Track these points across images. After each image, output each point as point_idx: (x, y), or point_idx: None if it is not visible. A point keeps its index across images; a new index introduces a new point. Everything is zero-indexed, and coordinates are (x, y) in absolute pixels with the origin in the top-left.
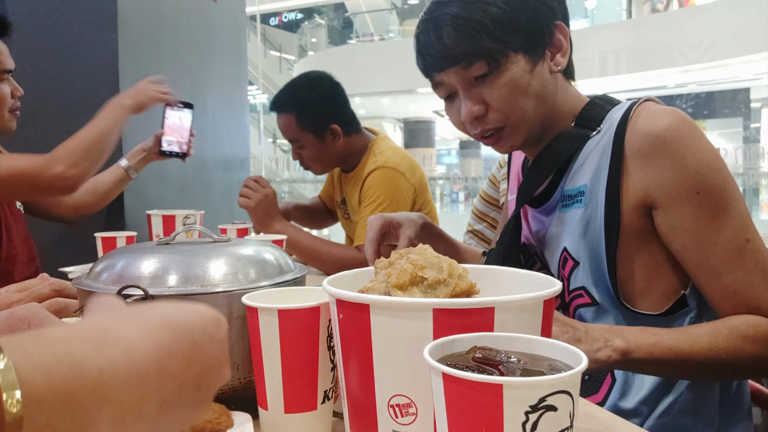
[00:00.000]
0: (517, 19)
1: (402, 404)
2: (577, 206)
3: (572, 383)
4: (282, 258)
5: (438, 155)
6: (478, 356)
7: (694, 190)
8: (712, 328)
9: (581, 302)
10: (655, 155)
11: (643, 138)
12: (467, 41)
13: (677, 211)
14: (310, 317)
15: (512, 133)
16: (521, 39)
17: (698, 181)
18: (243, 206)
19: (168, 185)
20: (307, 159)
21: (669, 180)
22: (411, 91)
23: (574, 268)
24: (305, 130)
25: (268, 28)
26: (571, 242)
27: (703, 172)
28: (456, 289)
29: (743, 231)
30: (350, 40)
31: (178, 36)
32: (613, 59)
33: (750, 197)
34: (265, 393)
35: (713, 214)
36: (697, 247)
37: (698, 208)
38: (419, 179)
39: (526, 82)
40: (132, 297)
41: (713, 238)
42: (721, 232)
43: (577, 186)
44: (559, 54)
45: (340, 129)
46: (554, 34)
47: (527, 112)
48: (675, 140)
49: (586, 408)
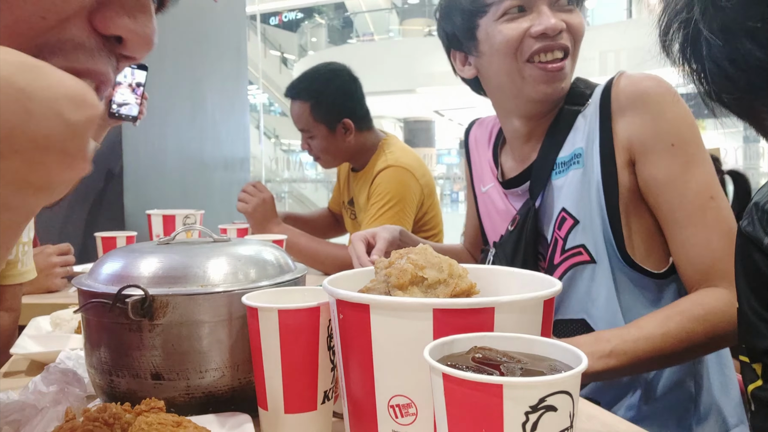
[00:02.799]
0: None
1: (402, 404)
2: (575, 167)
3: (572, 383)
4: (282, 258)
5: (438, 155)
6: (478, 356)
7: (669, 141)
8: (663, 317)
9: (578, 260)
10: (636, 109)
11: (627, 95)
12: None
13: (653, 162)
14: (310, 317)
15: (570, 68)
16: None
17: (674, 134)
18: (241, 211)
19: (168, 185)
20: (317, 150)
21: (648, 131)
22: (411, 91)
23: (573, 226)
24: (318, 121)
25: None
26: (571, 202)
27: (679, 125)
28: (456, 289)
29: (709, 188)
30: (350, 40)
31: (178, 35)
32: (613, 59)
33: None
34: (265, 393)
35: (684, 167)
36: (666, 198)
37: (672, 159)
38: (428, 181)
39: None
40: (132, 297)
41: (682, 190)
42: (689, 185)
43: (572, 151)
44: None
45: (352, 124)
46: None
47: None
48: (656, 95)
49: (586, 408)
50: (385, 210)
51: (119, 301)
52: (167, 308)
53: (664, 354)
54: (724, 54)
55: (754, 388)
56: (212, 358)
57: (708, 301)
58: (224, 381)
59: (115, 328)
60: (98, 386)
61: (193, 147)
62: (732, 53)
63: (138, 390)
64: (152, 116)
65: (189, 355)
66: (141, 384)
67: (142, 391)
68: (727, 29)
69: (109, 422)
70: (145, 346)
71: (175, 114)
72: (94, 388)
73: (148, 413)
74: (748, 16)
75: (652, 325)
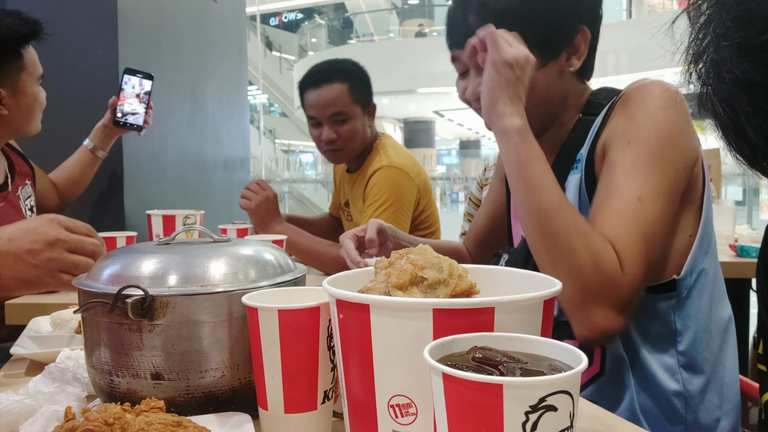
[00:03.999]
0: (538, 18)
1: (402, 404)
2: (573, 172)
3: (572, 383)
4: (282, 258)
5: (438, 155)
6: (478, 356)
7: (627, 138)
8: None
9: None
10: (618, 109)
11: (623, 95)
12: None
13: (608, 157)
14: (310, 317)
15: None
16: (537, 37)
17: (636, 132)
18: (244, 207)
19: (168, 185)
20: (346, 136)
21: (617, 129)
22: (411, 91)
23: None
24: (356, 101)
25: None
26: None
27: (644, 126)
28: (456, 289)
29: (643, 189)
30: (350, 40)
31: (178, 36)
32: (613, 59)
33: (750, 197)
34: (265, 393)
35: (629, 163)
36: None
37: (621, 153)
38: (424, 180)
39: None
40: (132, 297)
41: (616, 179)
42: (625, 179)
43: (576, 157)
44: (575, 57)
45: (375, 110)
46: (575, 38)
47: (528, 106)
48: (638, 96)
49: (586, 408)
50: (381, 211)
51: (119, 301)
52: (167, 308)
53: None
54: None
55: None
56: (212, 358)
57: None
58: (224, 381)
59: (115, 328)
60: (98, 386)
61: (193, 147)
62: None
63: (138, 390)
64: (153, 117)
65: (189, 355)
66: (141, 384)
67: (142, 391)
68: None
69: (109, 422)
70: (145, 346)
71: (175, 114)
72: (94, 388)
73: (148, 413)
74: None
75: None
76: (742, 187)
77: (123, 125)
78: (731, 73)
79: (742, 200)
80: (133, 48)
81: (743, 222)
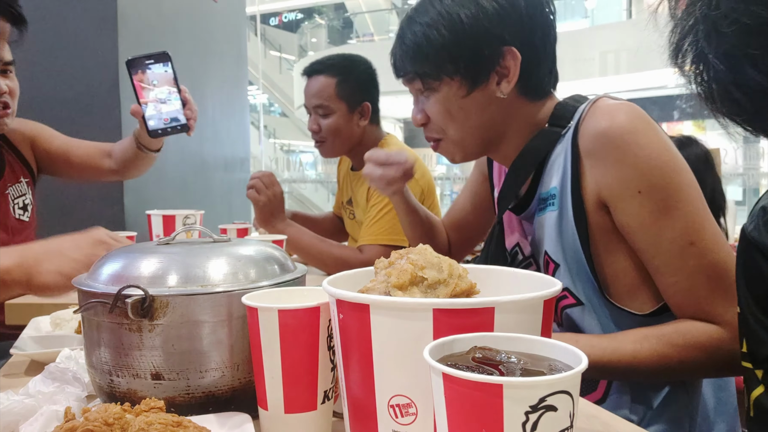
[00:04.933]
0: (455, 47)
1: (402, 404)
2: (551, 209)
3: (572, 383)
4: (282, 258)
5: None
6: (478, 356)
7: (636, 189)
8: (641, 336)
9: (567, 303)
10: (600, 154)
11: (590, 137)
12: (408, 62)
13: (624, 210)
14: (310, 317)
15: (449, 147)
16: (458, 66)
17: (639, 180)
18: (251, 199)
19: (168, 185)
20: (328, 130)
21: (614, 179)
22: None
23: (555, 270)
24: (341, 98)
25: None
26: (550, 245)
27: (644, 171)
28: (456, 289)
29: (688, 233)
30: (350, 41)
31: (178, 36)
32: (613, 59)
33: (750, 197)
34: (265, 393)
35: (656, 214)
36: (643, 246)
37: (640, 207)
38: (428, 182)
39: (458, 104)
40: (132, 297)
41: (656, 239)
42: (663, 232)
43: (549, 189)
44: (505, 80)
45: (370, 110)
46: (501, 60)
47: (461, 132)
48: (617, 137)
49: (586, 408)
50: (385, 212)
51: (119, 301)
52: (167, 308)
53: (634, 371)
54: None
55: (758, 395)
56: (212, 358)
57: (692, 331)
58: (224, 381)
59: (115, 328)
60: (98, 386)
61: (193, 147)
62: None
63: (138, 390)
64: None
65: (189, 355)
66: (141, 384)
67: (142, 391)
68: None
69: (109, 422)
70: (145, 346)
71: None
72: (94, 388)
73: (148, 413)
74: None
75: (627, 340)
76: (742, 187)
77: (164, 133)
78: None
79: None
80: (133, 48)
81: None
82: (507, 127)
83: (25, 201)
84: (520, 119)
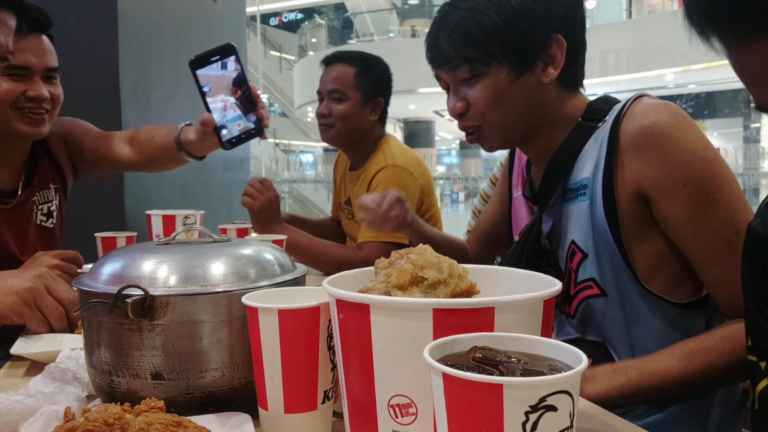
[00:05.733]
0: (505, 32)
1: (402, 404)
2: (582, 199)
3: (572, 383)
4: (282, 258)
5: (438, 155)
6: (478, 356)
7: (681, 181)
8: (688, 352)
9: (589, 294)
10: (644, 148)
11: (634, 132)
12: (455, 48)
13: (667, 203)
14: (310, 317)
15: (490, 134)
16: (507, 51)
17: (684, 173)
18: (246, 206)
19: (168, 185)
20: (339, 115)
21: (658, 172)
22: (411, 91)
23: (582, 260)
24: (357, 87)
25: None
26: (579, 235)
27: (689, 164)
28: (456, 289)
29: (733, 223)
30: (350, 40)
31: (178, 36)
32: (613, 59)
33: (750, 197)
34: (265, 393)
35: (701, 206)
36: (688, 237)
37: (686, 199)
38: (427, 180)
39: (506, 90)
40: (132, 297)
41: (702, 230)
42: (709, 223)
43: (579, 179)
44: (551, 67)
45: (382, 105)
46: (549, 47)
47: (504, 117)
48: (663, 132)
49: (586, 408)
50: None
51: (119, 301)
52: (167, 308)
53: (683, 386)
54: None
55: (763, 388)
56: (212, 358)
57: (738, 337)
58: (224, 381)
59: (115, 328)
60: (98, 386)
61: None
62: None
63: (138, 390)
64: (153, 116)
65: (189, 355)
66: (141, 384)
67: (142, 391)
68: None
69: (108, 422)
70: (145, 346)
71: (175, 114)
72: (94, 388)
73: (148, 413)
74: None
75: (673, 359)
76: (743, 187)
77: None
78: None
79: None
80: (134, 48)
81: None
82: (546, 116)
83: (50, 207)
84: (557, 109)
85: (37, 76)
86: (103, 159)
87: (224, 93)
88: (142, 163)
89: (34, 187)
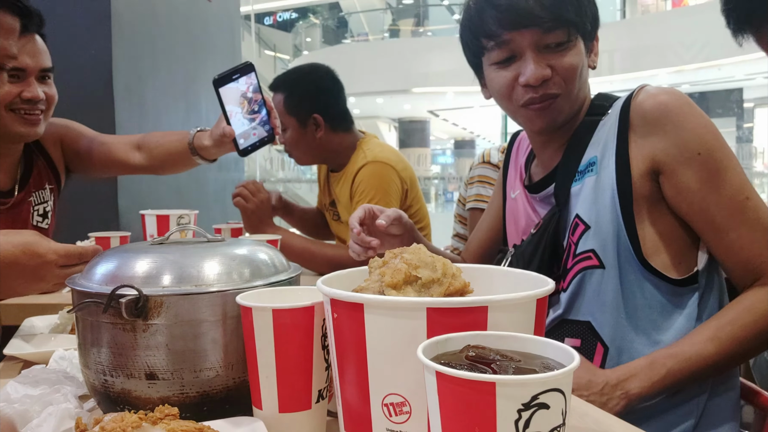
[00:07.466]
0: (586, 7)
1: (396, 403)
2: (589, 175)
3: (565, 381)
4: (276, 258)
5: (433, 155)
6: (472, 355)
7: (696, 150)
8: (714, 329)
9: (588, 264)
10: (658, 123)
11: (648, 108)
12: (558, 8)
13: (682, 173)
14: (304, 317)
15: (563, 104)
16: (588, 25)
17: (699, 143)
18: (238, 206)
19: (162, 185)
20: (288, 144)
21: (673, 143)
22: (406, 90)
23: (584, 231)
24: (290, 113)
25: (262, 27)
26: (584, 208)
27: (702, 135)
28: (450, 288)
29: (743, 189)
30: (345, 40)
31: (172, 35)
32: (606, 59)
33: None
34: (259, 392)
35: (714, 174)
36: (701, 206)
37: (700, 167)
38: (409, 174)
39: (583, 63)
40: (126, 297)
41: (716, 196)
42: (723, 190)
43: (588, 159)
44: (593, 53)
45: (323, 121)
46: (595, 34)
47: (578, 90)
48: (676, 108)
49: (579, 406)
50: None
51: (113, 301)
52: (161, 308)
53: (718, 366)
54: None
55: None
56: (206, 358)
57: (757, 305)
58: (219, 380)
59: (109, 328)
60: (92, 386)
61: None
62: None
63: (132, 390)
64: (146, 116)
65: (183, 355)
66: (135, 384)
67: (136, 391)
68: None
69: (126, 431)
70: (140, 346)
71: (169, 114)
72: (88, 388)
73: (167, 421)
74: None
75: (703, 340)
76: None
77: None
78: None
79: None
80: (127, 47)
81: None
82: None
83: (46, 208)
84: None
85: (32, 77)
86: (110, 164)
87: (242, 105)
88: (154, 168)
89: (30, 188)
